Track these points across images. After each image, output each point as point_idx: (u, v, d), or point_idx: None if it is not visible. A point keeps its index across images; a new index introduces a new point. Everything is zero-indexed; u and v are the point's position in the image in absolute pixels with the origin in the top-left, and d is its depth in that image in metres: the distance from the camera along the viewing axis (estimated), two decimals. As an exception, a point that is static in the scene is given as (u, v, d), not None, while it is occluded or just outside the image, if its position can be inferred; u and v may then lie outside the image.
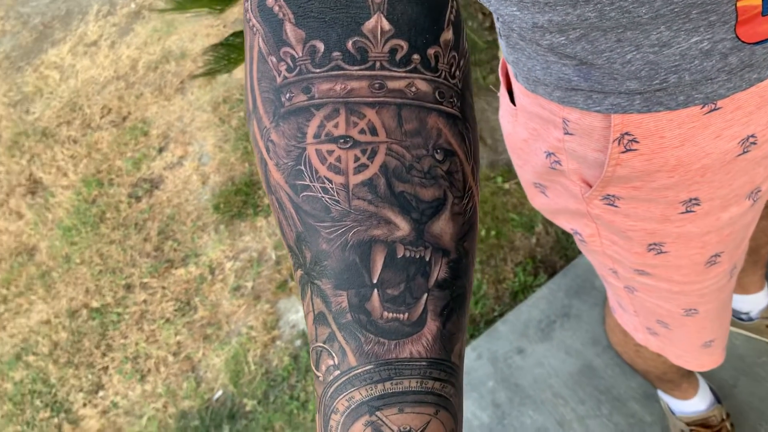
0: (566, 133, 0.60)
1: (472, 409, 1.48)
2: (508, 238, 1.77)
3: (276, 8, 0.35)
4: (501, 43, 0.61)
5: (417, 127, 0.35)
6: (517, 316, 1.57)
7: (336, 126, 0.34)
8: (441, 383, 0.34)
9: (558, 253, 1.69)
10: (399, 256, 0.34)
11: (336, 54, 0.34)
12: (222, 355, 1.93)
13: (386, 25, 0.35)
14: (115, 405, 1.96)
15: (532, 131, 0.65)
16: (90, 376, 2.05)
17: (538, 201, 0.74)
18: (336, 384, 0.34)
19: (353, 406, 0.33)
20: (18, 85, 3.02)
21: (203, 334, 2.00)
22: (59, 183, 2.59)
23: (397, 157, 0.35)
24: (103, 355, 2.08)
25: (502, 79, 0.69)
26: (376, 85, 0.35)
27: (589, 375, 1.45)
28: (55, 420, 1.98)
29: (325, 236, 0.35)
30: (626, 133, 0.55)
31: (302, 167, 0.35)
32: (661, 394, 1.30)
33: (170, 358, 1.99)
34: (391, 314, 0.34)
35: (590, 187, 0.62)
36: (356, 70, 0.34)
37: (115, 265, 2.28)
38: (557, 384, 1.46)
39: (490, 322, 1.64)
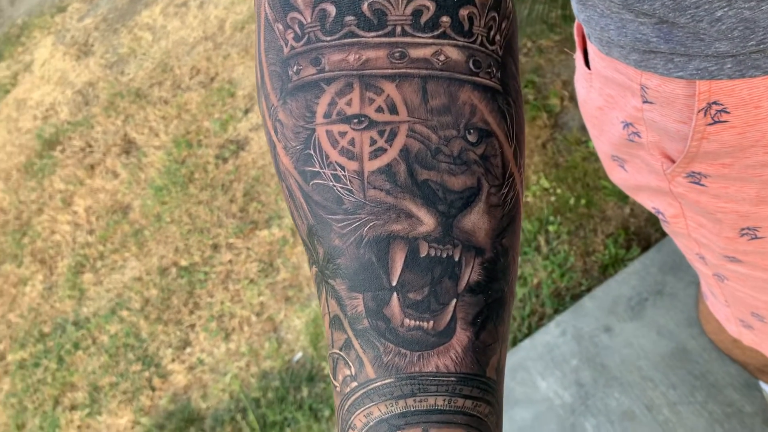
0: (645, 102, 0.51)
1: (554, 388, 1.41)
2: (599, 208, 1.66)
3: None
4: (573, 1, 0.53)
5: (446, 103, 0.30)
6: (605, 291, 1.47)
7: (349, 103, 0.29)
8: (473, 401, 0.30)
9: (653, 225, 1.57)
10: (422, 255, 0.29)
11: (349, 18, 0.29)
12: (302, 317, 1.94)
13: None
14: (200, 362, 2.01)
15: (608, 98, 0.56)
16: (178, 333, 2.11)
17: (616, 175, 0.66)
18: (353, 397, 0.30)
19: (372, 423, 0.29)
20: (114, 47, 3.11)
21: (285, 296, 2.01)
22: (151, 143, 2.66)
23: (420, 140, 0.29)
24: (191, 312, 2.14)
25: (576, 38, 0.61)
26: (397, 54, 0.29)
27: (682, 358, 1.34)
28: (146, 373, 2.06)
29: (338, 231, 0.30)
30: (714, 102, 0.46)
31: (311, 151, 0.30)
32: (762, 384, 1.18)
33: (253, 318, 2.02)
34: (413, 321, 0.29)
35: (673, 162, 0.54)
36: (373, 37, 0.29)
37: (202, 225, 2.32)
38: (647, 366, 1.36)
39: (576, 297, 1.55)
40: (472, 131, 0.30)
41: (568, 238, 1.64)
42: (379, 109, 0.29)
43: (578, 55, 0.62)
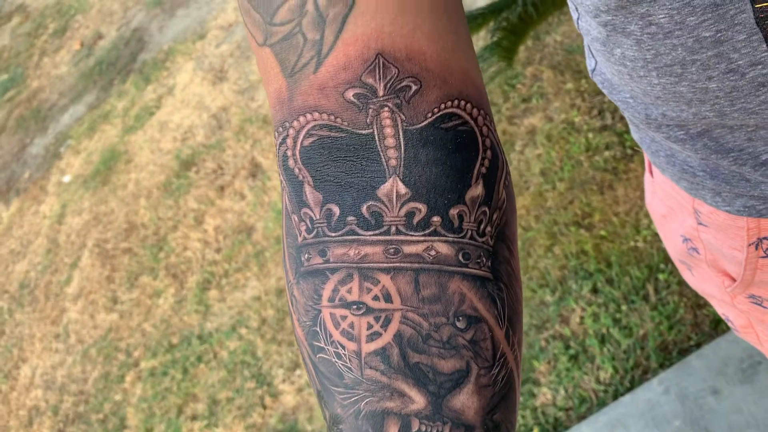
0: (700, 224, 0.51)
1: (653, 448, 1.36)
2: (715, 258, 1.57)
3: (296, 170, 0.35)
4: (627, 119, 0.53)
5: (436, 292, 0.33)
6: (715, 350, 1.40)
7: (349, 291, 0.33)
8: None
9: (774, 281, 1.47)
10: (414, 431, 0.32)
11: (350, 219, 0.33)
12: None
13: (402, 189, 0.32)
14: (309, 384, 2.10)
15: (669, 209, 0.56)
16: (290, 354, 2.22)
17: (687, 278, 0.64)
18: None
19: None
20: (246, 74, 3.31)
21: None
22: (275, 168, 2.80)
23: (413, 326, 0.33)
24: (302, 334, 2.24)
25: None
26: (391, 250, 0.33)
27: (797, 432, 1.25)
28: (259, 391, 2.18)
29: (340, 401, 0.34)
30: (764, 238, 0.45)
31: (318, 329, 0.34)
32: None
33: (359, 346, 2.08)
34: None
35: (733, 280, 0.53)
36: (370, 236, 0.33)
37: (317, 250, 2.42)
38: (757, 436, 1.28)
39: (684, 352, 1.48)
40: (461, 318, 0.33)
41: (678, 288, 1.57)
42: (376, 298, 0.33)
43: (645, 156, 0.61)
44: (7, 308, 3.27)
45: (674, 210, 0.55)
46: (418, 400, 0.32)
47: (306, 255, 0.34)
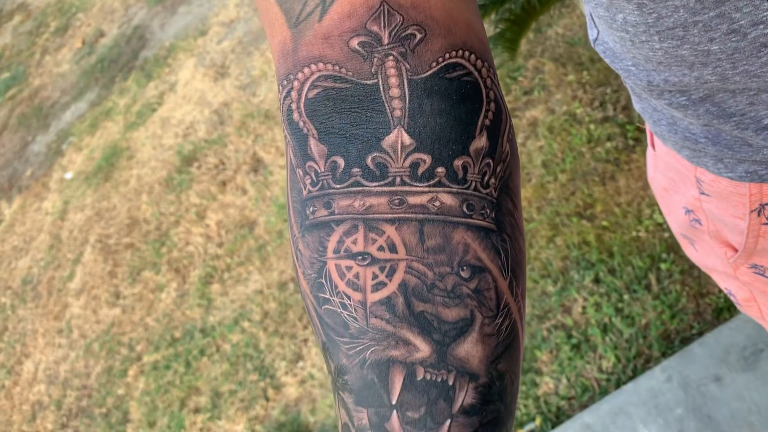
0: (702, 193, 0.51)
1: (655, 436, 1.36)
2: (717, 247, 1.58)
3: (301, 123, 0.35)
4: (628, 89, 0.53)
5: (441, 243, 0.33)
6: (717, 338, 1.40)
7: (355, 242, 0.34)
8: None
9: (776, 269, 1.47)
10: (419, 379, 0.33)
11: (355, 170, 0.33)
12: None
13: (407, 140, 0.33)
14: (311, 376, 2.10)
15: (671, 182, 0.56)
16: (292, 347, 2.22)
17: (689, 253, 0.64)
18: None
19: None
20: (247, 69, 3.32)
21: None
22: (277, 162, 2.81)
23: (417, 276, 0.33)
24: (304, 327, 2.24)
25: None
26: (396, 201, 0.33)
27: (800, 418, 1.25)
28: (262, 384, 2.18)
29: (345, 351, 0.34)
30: (767, 204, 0.45)
31: (323, 280, 0.35)
32: None
33: (361, 338, 2.09)
34: None
35: (735, 251, 0.53)
36: (375, 187, 0.33)
37: (319, 244, 2.43)
38: (759, 423, 1.28)
39: (686, 340, 1.49)
40: (465, 268, 0.33)
41: (680, 278, 1.58)
42: (381, 248, 0.33)
43: (647, 129, 0.62)
44: (9, 304, 3.28)
45: (676, 182, 0.55)
46: (423, 349, 0.33)
47: (311, 208, 0.34)
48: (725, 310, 1.48)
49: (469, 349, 0.33)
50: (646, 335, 1.54)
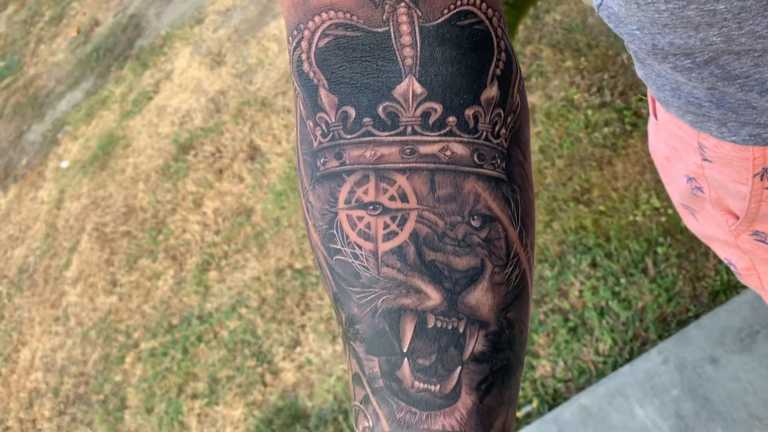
0: (704, 159, 0.51)
1: (652, 417, 1.37)
2: (713, 231, 1.59)
3: (311, 74, 0.35)
4: (632, 55, 0.53)
5: (451, 192, 0.33)
6: (713, 320, 1.41)
7: (366, 192, 0.34)
8: None
9: (772, 252, 1.48)
10: (430, 326, 0.33)
11: (366, 120, 0.34)
12: (405, 326, 1.99)
13: (418, 89, 0.33)
14: (309, 362, 2.11)
15: (673, 150, 0.57)
16: (290, 332, 2.23)
17: (690, 223, 0.65)
18: None
19: None
20: (244, 57, 3.31)
21: (390, 304, 2.07)
22: (274, 150, 2.81)
23: (428, 225, 0.33)
24: (302, 313, 2.25)
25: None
26: (407, 151, 0.33)
27: (795, 398, 1.27)
28: (259, 369, 2.19)
29: (356, 301, 0.35)
30: None
31: (334, 231, 0.35)
32: None
33: (359, 324, 2.09)
34: (422, 384, 0.33)
35: (736, 218, 0.53)
36: (387, 136, 0.33)
37: (316, 231, 2.43)
38: (755, 403, 1.29)
39: (682, 323, 1.50)
40: (475, 217, 0.33)
41: (677, 261, 1.59)
42: (392, 198, 0.33)
43: (650, 100, 0.62)
44: (6, 293, 3.28)
45: (678, 150, 0.56)
46: (434, 297, 0.33)
47: (322, 159, 0.34)
48: (721, 293, 1.49)
49: (480, 297, 0.33)
50: (643, 318, 1.55)
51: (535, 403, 1.55)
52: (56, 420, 2.59)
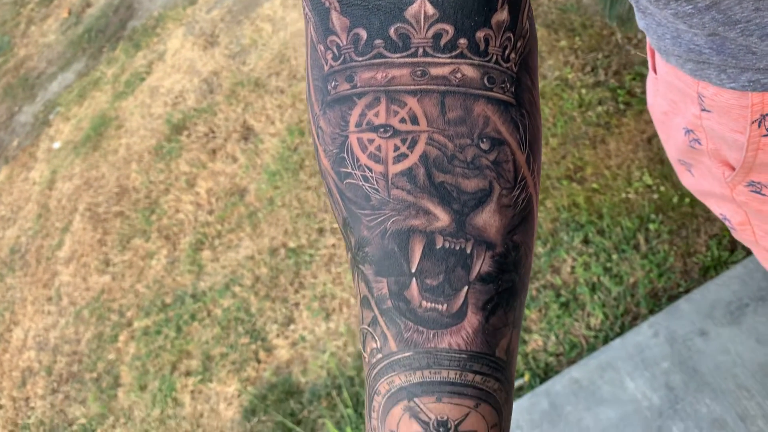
0: (703, 110, 0.52)
1: (642, 389, 1.39)
2: (704, 207, 1.60)
3: None
4: (633, 5, 0.54)
5: (461, 115, 0.34)
6: (703, 294, 1.43)
7: (377, 115, 0.34)
8: (482, 377, 0.34)
9: (761, 228, 1.50)
10: (438, 247, 0.34)
11: (378, 41, 0.34)
12: (399, 303, 2.00)
13: (430, 10, 0.33)
14: (303, 339, 2.12)
15: (671, 103, 0.57)
16: (283, 310, 2.24)
17: (685, 180, 0.66)
18: (378, 367, 0.35)
19: (393, 390, 0.34)
20: (237, 38, 3.30)
21: (383, 282, 2.08)
22: (267, 131, 2.81)
23: (438, 147, 0.34)
24: (296, 291, 2.26)
25: (647, 42, 0.62)
26: (419, 73, 0.34)
27: (782, 368, 1.29)
28: (253, 346, 2.20)
29: (366, 223, 0.35)
30: (767, 115, 0.47)
31: (345, 155, 0.35)
32: None
33: (352, 301, 2.10)
34: (429, 304, 0.34)
35: (733, 170, 0.54)
36: (398, 58, 0.34)
37: (310, 210, 2.44)
38: (743, 374, 1.32)
39: (673, 298, 1.52)
40: (485, 140, 0.34)
41: (669, 238, 1.60)
42: (402, 120, 0.34)
43: (649, 56, 0.63)
44: (-3, 272, 3.27)
45: (677, 103, 0.57)
46: (443, 218, 0.34)
47: (333, 83, 0.35)
48: (712, 268, 1.51)
49: (487, 219, 0.34)
50: (634, 293, 1.56)
51: (526, 377, 1.57)
52: (49, 398, 2.59)
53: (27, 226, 3.41)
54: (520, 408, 1.48)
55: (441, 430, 0.33)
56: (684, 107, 0.56)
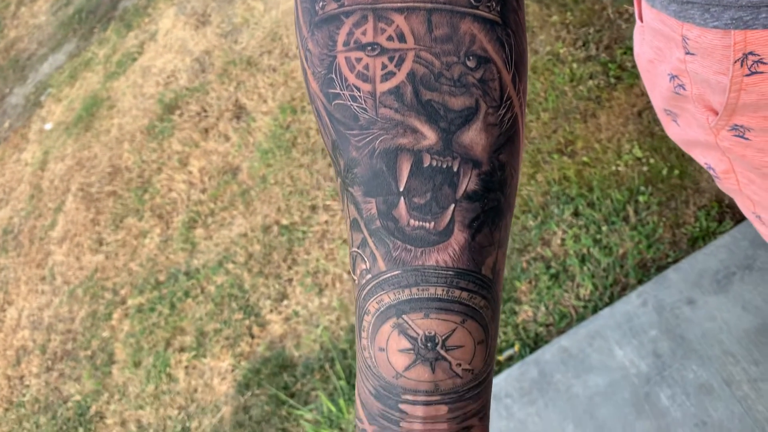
0: (687, 53, 0.53)
1: (630, 357, 1.41)
2: (693, 179, 1.62)
3: None
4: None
5: (448, 32, 0.34)
6: (692, 264, 1.45)
7: (364, 33, 0.34)
8: (469, 293, 0.35)
9: (749, 198, 1.52)
10: (425, 165, 0.34)
11: None
12: (391, 278, 2.01)
13: None
14: (296, 314, 2.14)
15: (657, 51, 0.58)
16: (277, 286, 2.25)
17: (671, 130, 0.67)
18: (368, 287, 0.35)
19: (382, 309, 0.35)
20: (229, 17, 3.28)
21: (376, 257, 2.09)
22: (260, 109, 2.80)
23: (425, 65, 0.34)
24: (289, 268, 2.27)
25: None
26: None
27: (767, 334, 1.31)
28: (247, 322, 2.21)
29: (355, 144, 0.35)
30: (750, 53, 0.47)
31: (333, 75, 0.35)
32: None
33: (345, 276, 2.12)
34: (417, 222, 0.34)
35: (716, 114, 0.55)
36: None
37: (303, 187, 2.44)
38: (729, 341, 1.34)
39: (661, 269, 1.53)
40: (471, 58, 0.34)
41: (658, 209, 1.62)
42: (390, 38, 0.34)
43: (636, 6, 0.64)
44: (-10, 252, 3.26)
45: (662, 50, 0.57)
46: (430, 136, 0.34)
47: (321, 3, 0.35)
48: (700, 239, 1.53)
49: (474, 137, 0.34)
50: (623, 264, 1.58)
51: (516, 347, 1.59)
52: (44, 376, 2.61)
53: (20, 207, 3.40)
54: (510, 377, 1.50)
55: (429, 345, 0.34)
56: (669, 53, 0.56)
